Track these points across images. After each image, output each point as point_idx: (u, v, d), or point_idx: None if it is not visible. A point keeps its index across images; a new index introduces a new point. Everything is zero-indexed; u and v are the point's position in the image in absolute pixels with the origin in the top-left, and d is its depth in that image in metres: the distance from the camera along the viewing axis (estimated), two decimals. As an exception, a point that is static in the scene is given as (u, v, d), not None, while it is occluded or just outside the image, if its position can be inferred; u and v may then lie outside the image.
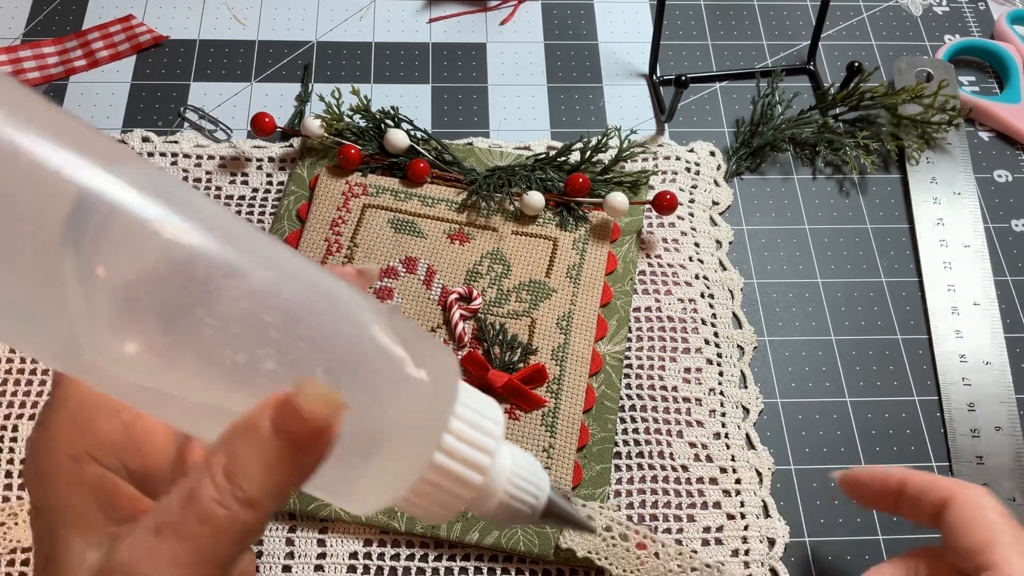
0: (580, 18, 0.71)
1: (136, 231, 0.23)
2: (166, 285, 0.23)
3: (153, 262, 0.23)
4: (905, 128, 0.63)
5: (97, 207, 0.22)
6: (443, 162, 0.60)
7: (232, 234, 0.24)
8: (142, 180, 0.23)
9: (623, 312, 0.56)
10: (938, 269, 0.59)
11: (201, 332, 0.23)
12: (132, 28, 0.67)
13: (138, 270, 0.23)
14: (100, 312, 0.22)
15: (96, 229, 0.22)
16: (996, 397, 0.54)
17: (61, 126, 0.22)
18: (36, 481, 0.26)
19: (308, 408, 0.23)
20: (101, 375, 0.24)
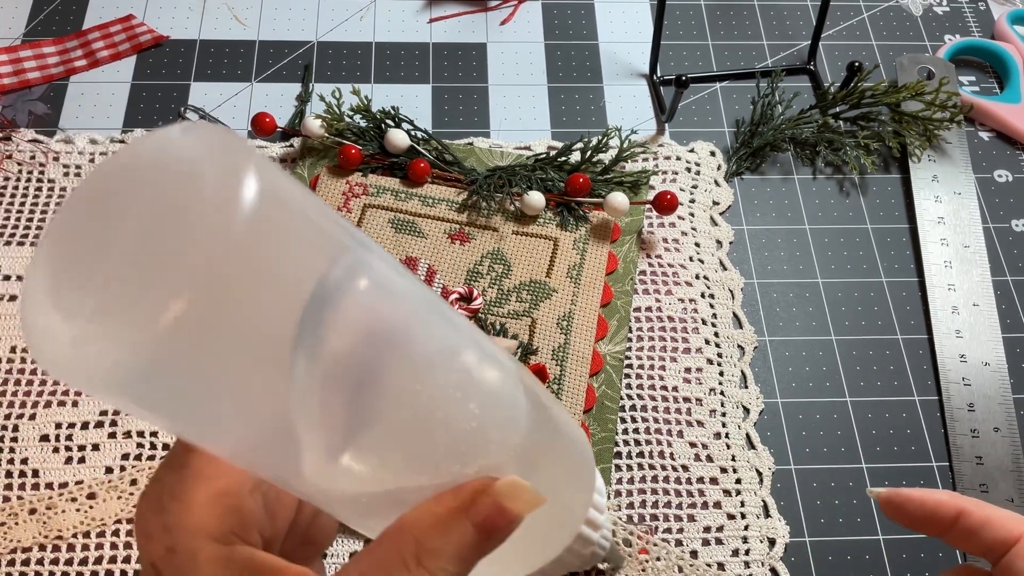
0: (580, 18, 0.71)
1: (361, 312, 0.22)
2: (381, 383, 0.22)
3: (371, 355, 0.22)
4: (907, 125, 0.63)
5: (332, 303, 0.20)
6: (443, 162, 0.60)
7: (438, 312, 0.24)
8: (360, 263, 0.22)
9: (623, 312, 0.56)
10: (939, 268, 0.59)
11: (419, 422, 0.22)
12: (132, 28, 0.67)
13: (353, 354, 0.22)
14: (326, 423, 0.21)
15: (331, 321, 0.21)
16: (994, 398, 0.54)
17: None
18: (169, 557, 0.25)
19: (512, 508, 0.23)
20: (317, 492, 0.23)
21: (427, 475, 0.23)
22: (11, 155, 0.60)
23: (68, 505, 0.49)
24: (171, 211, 0.18)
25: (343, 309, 0.21)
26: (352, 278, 0.21)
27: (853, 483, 0.52)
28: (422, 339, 0.23)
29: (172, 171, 0.19)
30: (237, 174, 0.18)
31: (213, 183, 0.18)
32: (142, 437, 0.51)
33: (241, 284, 0.18)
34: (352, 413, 0.22)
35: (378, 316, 0.22)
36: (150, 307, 0.17)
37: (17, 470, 0.50)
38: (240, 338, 0.19)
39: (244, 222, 0.18)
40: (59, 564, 0.47)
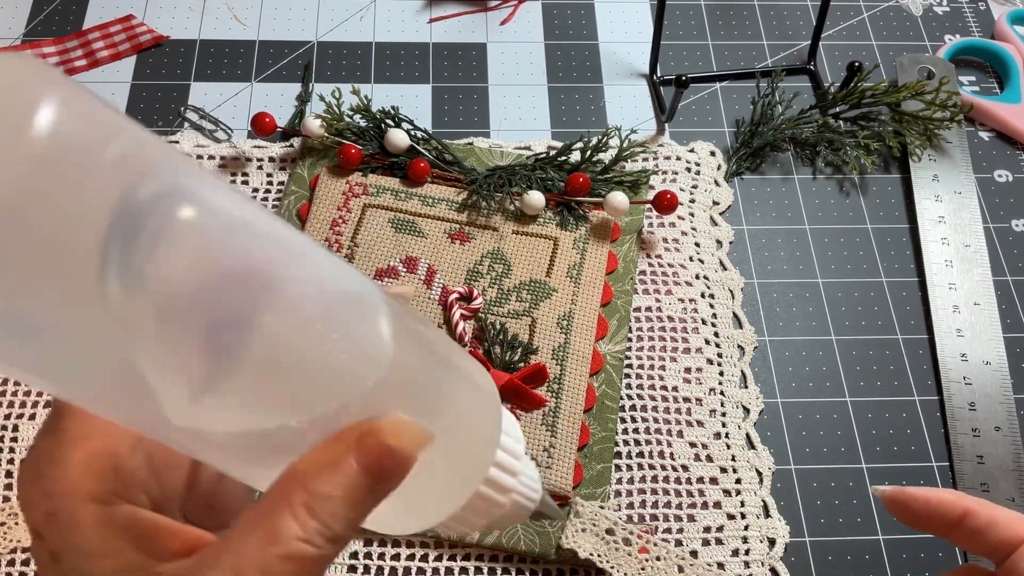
0: (580, 18, 0.71)
1: (189, 239, 0.20)
2: (232, 304, 0.21)
3: (213, 277, 0.21)
4: (907, 125, 0.63)
5: (141, 217, 0.19)
6: (443, 162, 0.60)
7: (288, 240, 0.23)
8: (182, 180, 0.21)
9: (623, 312, 0.56)
10: (940, 267, 0.59)
11: (280, 358, 0.22)
12: (132, 28, 0.67)
13: (195, 287, 0.20)
14: (172, 357, 0.20)
15: (142, 242, 0.19)
16: (995, 397, 0.54)
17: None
18: (50, 522, 0.24)
19: (398, 445, 0.22)
20: (189, 439, 0.22)
21: (300, 414, 0.22)
22: (11, 155, 0.60)
23: (68, 505, 0.49)
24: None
25: (165, 231, 0.20)
26: (171, 192, 0.20)
27: (853, 483, 0.52)
28: (272, 267, 0.22)
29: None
30: (31, 95, 0.18)
31: (4, 99, 0.18)
32: (142, 437, 0.51)
33: (40, 201, 0.18)
34: (203, 349, 0.21)
35: (213, 241, 0.21)
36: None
37: (17, 470, 0.50)
38: (45, 263, 0.18)
39: (38, 137, 0.17)
40: (59, 564, 0.47)
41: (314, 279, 0.23)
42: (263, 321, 0.21)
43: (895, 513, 0.35)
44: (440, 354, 0.26)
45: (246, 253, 0.22)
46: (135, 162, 0.20)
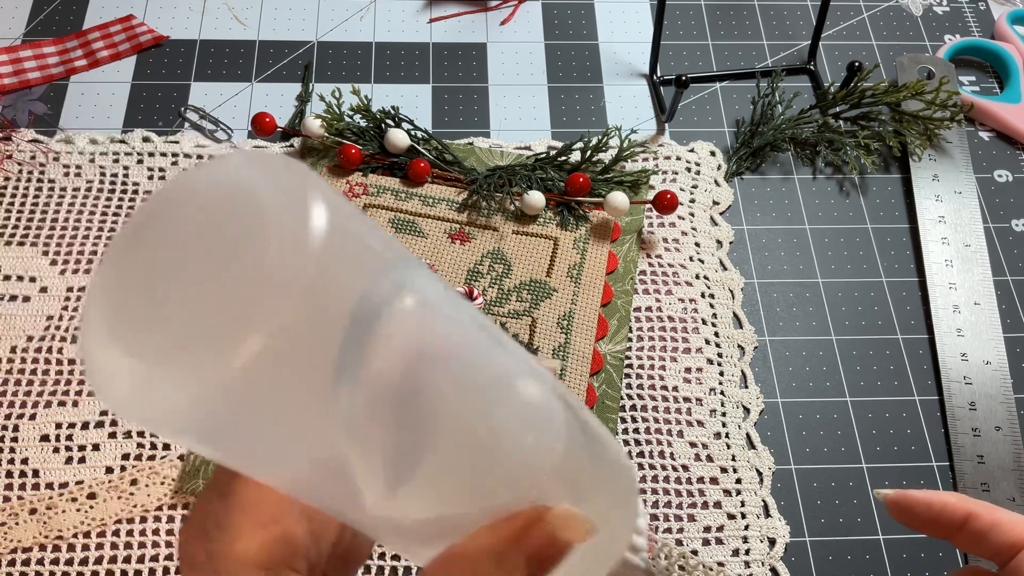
0: (580, 18, 0.71)
1: (407, 345, 0.21)
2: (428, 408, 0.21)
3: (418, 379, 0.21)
4: (908, 124, 0.63)
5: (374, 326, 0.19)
6: (444, 162, 0.60)
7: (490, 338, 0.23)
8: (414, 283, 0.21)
9: (624, 312, 0.56)
10: (940, 267, 0.59)
11: (468, 446, 0.22)
12: (132, 28, 0.67)
13: (399, 376, 0.21)
14: (377, 456, 0.21)
15: (374, 343, 0.20)
16: (995, 397, 0.54)
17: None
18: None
19: (566, 538, 0.23)
20: (369, 521, 0.23)
21: (479, 502, 0.23)
22: (11, 155, 0.60)
23: (68, 505, 0.49)
24: (238, 244, 0.18)
25: (386, 329, 0.20)
26: (395, 296, 0.20)
27: (853, 483, 0.52)
28: (470, 361, 0.22)
29: (236, 201, 0.19)
30: (305, 205, 0.18)
31: (281, 215, 0.18)
32: (142, 437, 0.51)
33: (308, 318, 0.18)
34: (403, 441, 0.21)
35: (422, 336, 0.21)
36: (222, 348, 0.17)
37: (17, 470, 0.50)
38: (298, 372, 0.19)
39: (314, 257, 0.18)
40: (59, 564, 0.47)
41: (492, 357, 0.23)
42: (449, 404, 0.21)
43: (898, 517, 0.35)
44: (593, 432, 0.26)
45: (439, 340, 0.22)
46: (371, 264, 0.20)
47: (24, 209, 0.58)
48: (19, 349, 0.53)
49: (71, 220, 0.58)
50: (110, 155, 0.61)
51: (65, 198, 0.59)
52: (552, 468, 0.23)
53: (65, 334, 0.54)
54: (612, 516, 0.26)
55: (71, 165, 0.60)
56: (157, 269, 0.19)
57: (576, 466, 0.24)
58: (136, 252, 0.19)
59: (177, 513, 0.49)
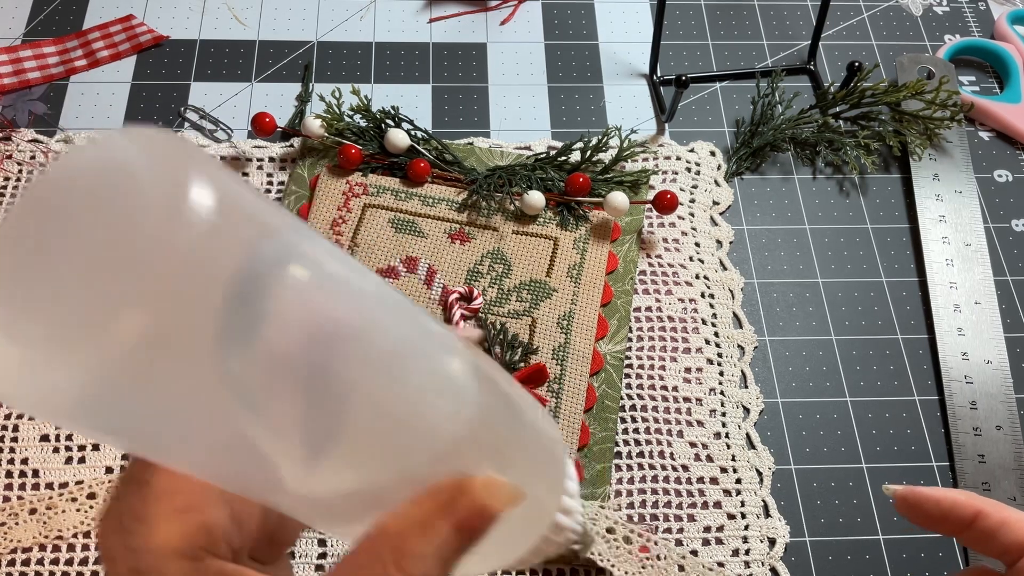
0: (580, 18, 0.71)
1: (298, 302, 0.20)
2: (333, 373, 0.21)
3: (314, 343, 0.21)
4: (908, 124, 0.63)
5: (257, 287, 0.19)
6: (443, 162, 0.60)
7: (380, 297, 0.23)
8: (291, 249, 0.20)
9: (624, 312, 0.56)
10: (940, 266, 0.59)
11: (380, 412, 0.22)
12: (132, 28, 0.67)
13: (299, 349, 0.20)
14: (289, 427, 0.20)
15: (259, 309, 0.19)
16: (996, 396, 0.54)
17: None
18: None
19: (492, 505, 0.23)
20: (289, 502, 0.23)
21: (398, 472, 0.23)
22: (11, 155, 0.60)
23: (68, 505, 0.49)
24: (116, 223, 0.18)
25: (272, 297, 0.20)
26: (280, 263, 0.20)
27: (853, 483, 0.52)
28: (375, 333, 0.22)
29: (114, 180, 0.18)
30: (178, 176, 0.18)
31: (153, 187, 0.18)
32: (142, 437, 0.51)
33: (185, 291, 0.18)
34: (313, 416, 0.21)
35: (320, 307, 0.21)
36: (95, 326, 0.17)
37: (17, 470, 0.50)
38: (179, 347, 0.18)
39: (188, 228, 0.17)
40: (59, 564, 0.47)
41: (399, 328, 0.23)
42: (356, 377, 0.21)
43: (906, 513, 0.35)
44: (512, 400, 0.26)
45: (339, 311, 0.21)
46: (249, 230, 0.20)
47: (24, 209, 0.58)
48: (19, 349, 0.53)
49: (71, 220, 0.58)
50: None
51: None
52: (470, 436, 0.23)
53: (65, 334, 0.54)
54: (538, 482, 0.26)
55: (71, 165, 0.60)
56: (35, 252, 0.18)
57: (496, 434, 0.25)
58: (15, 235, 0.19)
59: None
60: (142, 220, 0.17)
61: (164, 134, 0.19)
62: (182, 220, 0.17)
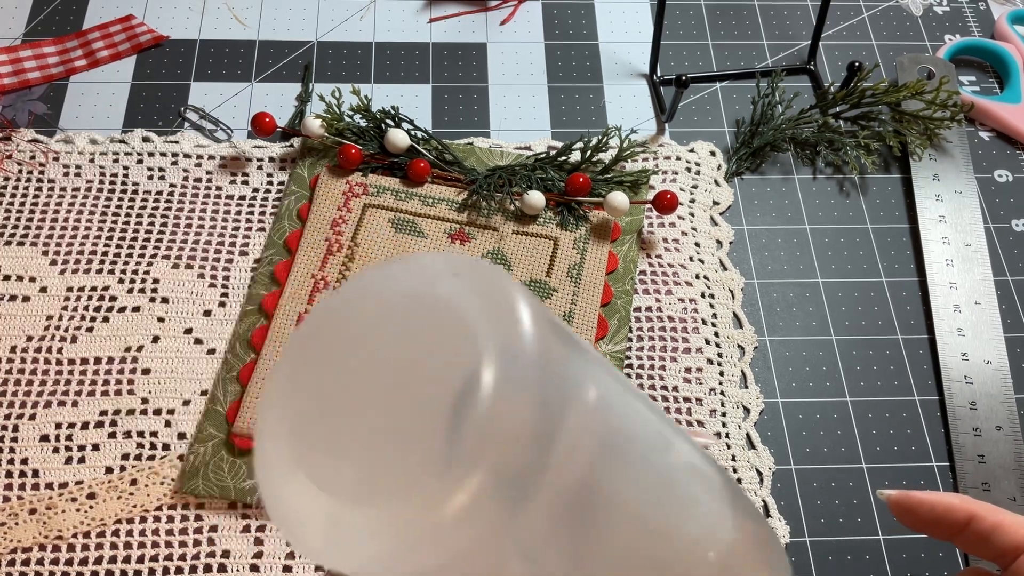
0: (580, 18, 0.71)
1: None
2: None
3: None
4: (908, 124, 0.63)
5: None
6: (444, 162, 0.60)
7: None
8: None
9: (624, 312, 0.56)
10: (940, 266, 0.59)
11: (636, 530, 0.20)
12: (132, 28, 0.67)
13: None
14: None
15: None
16: (996, 396, 0.54)
17: None
18: None
19: None
20: None
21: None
22: (11, 155, 0.60)
23: (68, 505, 0.49)
24: (445, 367, 0.15)
25: (567, 446, 0.17)
26: (579, 404, 0.18)
27: (853, 483, 0.52)
28: (644, 454, 0.20)
29: (434, 312, 0.16)
30: (519, 325, 0.16)
31: (488, 339, 0.15)
32: (142, 437, 0.51)
33: (524, 450, 0.15)
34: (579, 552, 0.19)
35: (607, 434, 0.19)
36: (434, 490, 0.14)
37: (17, 470, 0.50)
38: (505, 511, 0.16)
39: (529, 388, 0.15)
40: (59, 564, 0.47)
41: (669, 451, 0.21)
42: (622, 492, 0.19)
43: (900, 517, 0.35)
44: (757, 515, 0.24)
45: (622, 426, 0.20)
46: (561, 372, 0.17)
47: (24, 209, 0.58)
48: (19, 349, 0.53)
49: (71, 220, 0.58)
50: (110, 155, 0.61)
51: (65, 198, 0.59)
52: (727, 551, 0.21)
53: (65, 334, 0.54)
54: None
55: (71, 165, 0.60)
56: (346, 382, 0.16)
57: (745, 548, 0.23)
58: (319, 358, 0.16)
59: (177, 513, 0.49)
60: (485, 373, 0.15)
61: (482, 264, 0.17)
62: (525, 382, 0.15)
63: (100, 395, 0.52)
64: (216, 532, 0.48)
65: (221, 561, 0.48)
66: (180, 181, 0.60)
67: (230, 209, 0.59)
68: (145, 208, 0.59)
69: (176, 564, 0.47)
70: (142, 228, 0.58)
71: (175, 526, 0.48)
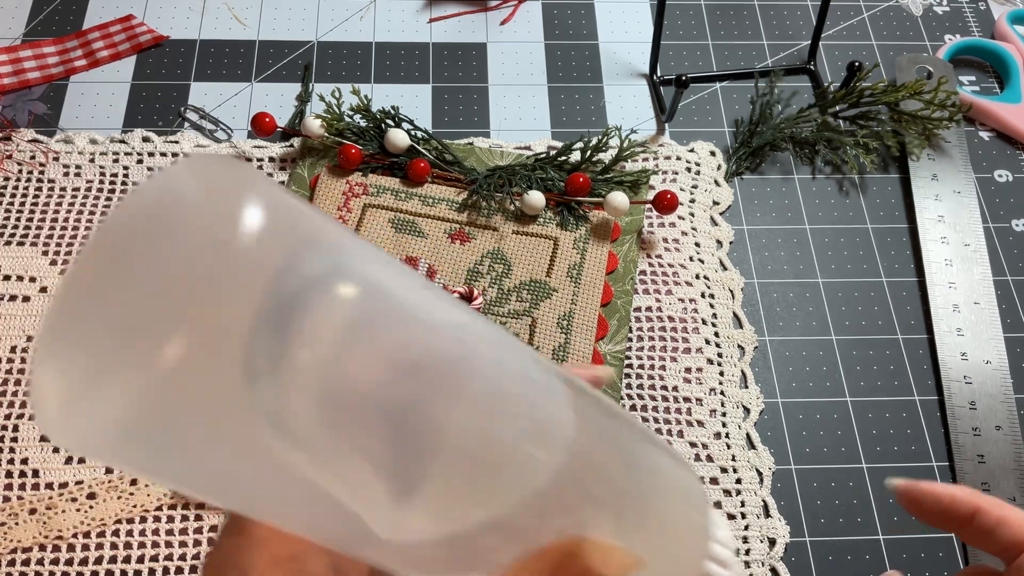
0: (580, 18, 0.71)
1: (357, 327, 0.18)
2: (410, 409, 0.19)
3: (384, 374, 0.19)
4: (906, 124, 0.63)
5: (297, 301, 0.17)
6: (444, 162, 0.60)
7: (460, 323, 0.21)
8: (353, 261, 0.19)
9: (624, 312, 0.56)
10: (939, 266, 0.59)
11: (472, 451, 0.20)
12: (132, 28, 0.67)
13: (371, 383, 0.19)
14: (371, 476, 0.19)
15: (300, 330, 0.17)
16: (996, 396, 0.54)
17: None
18: None
19: (604, 573, 0.21)
20: (382, 556, 0.21)
21: (494, 526, 0.21)
22: (11, 155, 0.60)
23: (68, 505, 0.49)
24: (160, 247, 0.17)
25: (311, 319, 0.18)
26: (328, 282, 0.18)
27: (853, 483, 0.52)
28: (461, 362, 0.20)
29: (164, 206, 0.18)
30: (229, 198, 0.17)
31: (201, 211, 0.17)
32: (142, 437, 0.51)
33: (230, 313, 0.17)
34: (398, 454, 0.19)
35: (388, 335, 0.19)
36: (141, 352, 0.16)
37: (17, 470, 0.50)
38: (214, 376, 0.17)
39: (227, 251, 0.17)
40: (59, 564, 0.47)
41: (493, 363, 0.21)
42: (452, 414, 0.20)
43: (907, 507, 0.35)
44: (630, 446, 0.24)
45: (423, 339, 0.20)
46: (289, 239, 0.18)
47: (24, 209, 0.58)
48: (19, 349, 0.53)
49: (71, 220, 0.58)
50: (110, 155, 0.61)
51: (65, 198, 0.59)
52: (568, 485, 0.21)
53: (65, 334, 0.54)
54: (673, 536, 0.24)
55: (71, 165, 0.60)
56: (93, 286, 0.18)
57: (609, 483, 0.22)
58: (80, 269, 0.18)
59: (177, 513, 0.49)
60: (182, 244, 0.17)
61: (220, 159, 0.19)
62: (219, 240, 0.17)
63: (100, 395, 0.52)
64: (216, 532, 0.48)
65: (221, 561, 0.48)
66: (180, 181, 0.60)
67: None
68: (145, 208, 0.59)
69: (176, 564, 0.47)
70: (142, 228, 0.58)
71: (175, 526, 0.48)
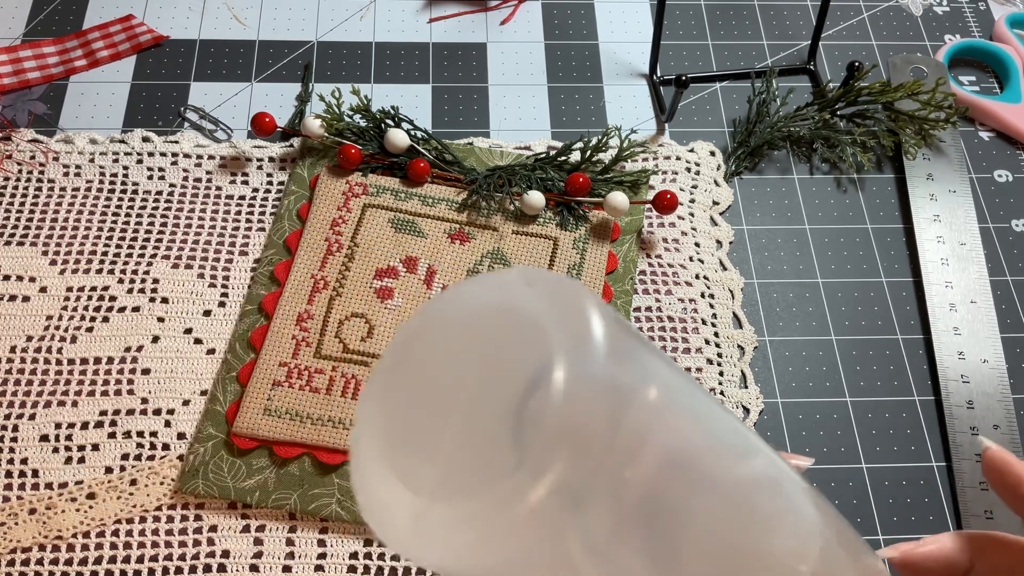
0: (580, 18, 0.71)
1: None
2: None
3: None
4: (902, 124, 0.63)
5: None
6: (443, 162, 0.60)
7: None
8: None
9: (624, 312, 0.56)
10: (935, 265, 0.59)
11: (719, 550, 0.20)
12: (132, 28, 0.67)
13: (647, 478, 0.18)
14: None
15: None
16: (993, 395, 0.54)
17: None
18: None
19: None
20: None
21: None
22: (11, 155, 0.60)
23: (68, 505, 0.49)
24: (518, 368, 0.16)
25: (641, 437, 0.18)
26: (641, 398, 0.18)
27: (853, 483, 0.52)
28: (715, 463, 0.20)
29: (511, 319, 0.17)
30: (588, 325, 0.16)
31: (562, 337, 0.16)
32: (142, 437, 0.51)
33: (595, 446, 0.16)
34: (653, 558, 0.19)
35: (673, 438, 0.19)
36: (516, 483, 0.15)
37: (17, 470, 0.50)
38: (578, 510, 0.16)
39: (604, 388, 0.16)
40: (59, 564, 0.47)
41: (746, 465, 0.21)
42: (699, 518, 0.19)
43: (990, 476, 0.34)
44: (847, 535, 0.24)
45: (687, 438, 0.20)
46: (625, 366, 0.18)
47: (24, 209, 0.58)
48: (19, 349, 0.53)
49: (71, 220, 0.58)
50: (110, 155, 0.61)
51: (65, 198, 0.59)
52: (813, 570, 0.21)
53: (65, 334, 0.54)
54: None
55: (71, 165, 0.60)
56: (431, 391, 0.17)
57: (836, 555, 0.23)
58: (407, 370, 0.17)
59: (177, 513, 0.49)
60: (558, 371, 0.16)
61: (558, 277, 0.18)
62: (595, 378, 0.16)
63: (100, 395, 0.52)
64: (216, 532, 0.48)
65: (221, 561, 0.48)
66: (180, 181, 0.60)
67: (230, 209, 0.59)
68: (145, 208, 0.59)
69: (176, 564, 0.47)
70: (142, 228, 0.58)
71: (175, 526, 0.48)
